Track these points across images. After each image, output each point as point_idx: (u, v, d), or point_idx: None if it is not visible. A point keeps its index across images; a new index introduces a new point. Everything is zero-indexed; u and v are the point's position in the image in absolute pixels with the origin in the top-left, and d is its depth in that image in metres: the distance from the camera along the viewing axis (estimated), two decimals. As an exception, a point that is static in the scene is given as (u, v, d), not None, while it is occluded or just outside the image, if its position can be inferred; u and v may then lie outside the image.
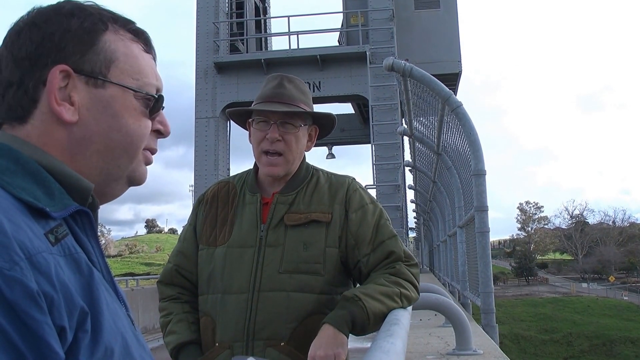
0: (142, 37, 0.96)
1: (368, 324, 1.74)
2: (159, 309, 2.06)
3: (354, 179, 2.06)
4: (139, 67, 0.93)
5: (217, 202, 2.03)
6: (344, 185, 2.00)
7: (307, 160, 2.08)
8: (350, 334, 1.77)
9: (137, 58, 0.93)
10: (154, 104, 0.94)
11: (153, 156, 0.98)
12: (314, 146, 2.12)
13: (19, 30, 0.87)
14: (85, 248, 0.80)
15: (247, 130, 2.06)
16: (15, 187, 0.76)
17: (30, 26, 0.87)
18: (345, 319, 1.73)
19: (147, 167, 0.98)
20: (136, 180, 0.95)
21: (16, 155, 0.80)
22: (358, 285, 1.99)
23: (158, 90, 0.96)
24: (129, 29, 0.94)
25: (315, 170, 2.06)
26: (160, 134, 0.98)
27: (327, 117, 2.05)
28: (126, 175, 0.93)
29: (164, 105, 0.98)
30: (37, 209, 0.75)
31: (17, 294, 0.65)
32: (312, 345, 1.69)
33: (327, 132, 2.09)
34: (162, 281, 2.07)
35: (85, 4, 0.91)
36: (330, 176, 2.05)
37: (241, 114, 2.06)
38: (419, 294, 1.94)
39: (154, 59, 0.98)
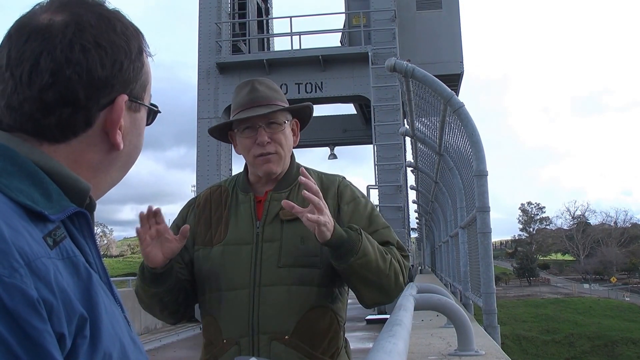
0: (148, 50, 0.94)
1: (352, 256, 1.77)
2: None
3: (344, 177, 2.10)
4: (151, 82, 0.94)
5: (210, 204, 2.05)
6: (335, 183, 2.04)
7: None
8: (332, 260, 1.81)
9: (151, 74, 0.93)
10: (154, 116, 0.96)
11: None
12: (316, 147, 2.14)
13: (84, 48, 0.81)
14: (83, 250, 0.79)
15: (229, 143, 2.07)
16: (13, 189, 0.74)
17: (96, 47, 0.82)
18: (341, 233, 1.77)
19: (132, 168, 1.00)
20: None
21: (13, 156, 0.78)
22: None
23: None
24: (146, 44, 0.93)
25: (306, 169, 2.08)
26: None
27: (305, 108, 2.07)
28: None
29: None
30: (35, 212, 0.73)
31: (18, 302, 0.64)
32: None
33: (306, 123, 2.12)
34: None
35: (121, 15, 0.89)
36: (321, 175, 2.08)
37: (222, 128, 2.07)
38: (405, 284, 1.97)
39: None
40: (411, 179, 19.80)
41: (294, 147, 2.06)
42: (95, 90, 0.82)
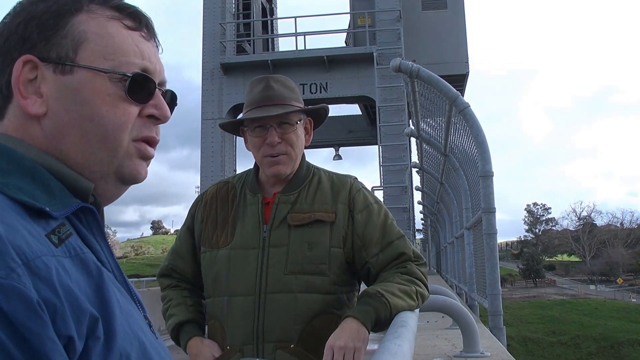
0: (125, 12, 0.86)
1: (390, 320, 1.72)
2: (161, 299, 2.08)
3: (356, 178, 2.05)
4: (114, 45, 0.83)
5: (216, 202, 2.02)
6: (347, 185, 1.98)
7: (315, 161, 2.07)
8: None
9: (112, 36, 0.83)
10: (137, 85, 0.83)
11: (155, 147, 0.88)
12: (321, 147, 2.13)
13: None
14: (93, 248, 0.75)
15: (240, 136, 2.05)
16: (11, 187, 0.71)
17: (1, 21, 0.83)
18: (370, 315, 1.71)
19: (147, 161, 0.87)
20: (127, 176, 0.85)
21: (10, 153, 0.75)
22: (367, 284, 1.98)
23: (146, 70, 0.85)
24: (110, 5, 0.85)
25: (317, 169, 2.05)
26: (156, 119, 0.87)
27: (320, 109, 2.05)
28: (112, 171, 0.84)
29: (164, 89, 0.89)
30: (35, 209, 0.70)
31: (15, 305, 0.59)
32: (332, 336, 1.68)
33: (321, 122, 2.10)
34: (160, 274, 2.12)
35: None
36: (332, 175, 2.03)
37: (233, 125, 2.06)
38: (429, 292, 1.95)
39: (146, 36, 0.88)
40: (416, 180, 19.76)
41: (305, 147, 2.02)
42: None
